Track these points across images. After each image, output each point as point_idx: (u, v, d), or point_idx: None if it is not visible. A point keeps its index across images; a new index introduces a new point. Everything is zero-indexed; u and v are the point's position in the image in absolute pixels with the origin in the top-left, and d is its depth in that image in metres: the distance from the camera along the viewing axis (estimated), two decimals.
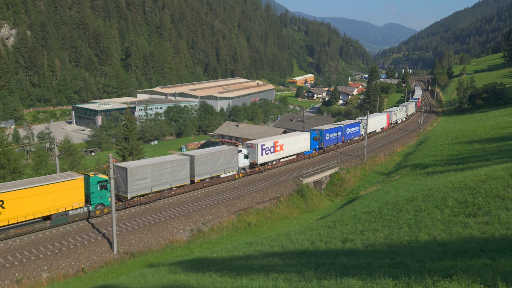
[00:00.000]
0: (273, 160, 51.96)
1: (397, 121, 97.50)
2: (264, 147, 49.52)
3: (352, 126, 71.33)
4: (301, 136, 57.09)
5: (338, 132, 65.77)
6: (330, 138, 63.43)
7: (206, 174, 41.87)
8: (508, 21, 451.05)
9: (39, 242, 27.88)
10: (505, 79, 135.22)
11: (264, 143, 49.63)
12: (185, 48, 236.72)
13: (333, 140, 64.73)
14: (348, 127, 69.95)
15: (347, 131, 69.07)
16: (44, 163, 58.72)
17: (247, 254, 21.04)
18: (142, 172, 34.90)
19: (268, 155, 50.50)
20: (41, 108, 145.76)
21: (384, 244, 16.38)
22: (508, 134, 53.22)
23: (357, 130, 72.88)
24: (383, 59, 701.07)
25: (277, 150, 51.81)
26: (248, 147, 49.02)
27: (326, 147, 62.98)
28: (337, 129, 65.75)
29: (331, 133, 63.67)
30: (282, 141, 52.55)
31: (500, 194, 18.26)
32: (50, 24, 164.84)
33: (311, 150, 59.00)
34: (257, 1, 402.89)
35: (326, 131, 62.32)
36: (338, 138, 66.24)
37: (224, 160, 43.51)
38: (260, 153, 49.15)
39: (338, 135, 66.00)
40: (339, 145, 67.30)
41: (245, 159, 47.33)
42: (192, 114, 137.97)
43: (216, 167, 42.75)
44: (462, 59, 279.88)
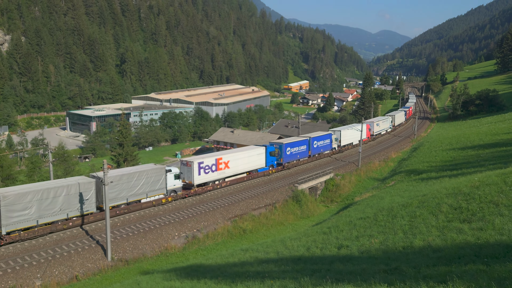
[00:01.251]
0: (215, 180, 44.81)
1: (381, 132, 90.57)
2: (202, 165, 42.63)
3: (321, 138, 64.14)
4: (253, 151, 50.19)
5: (302, 145, 58.57)
6: (292, 152, 56.14)
7: (121, 199, 34.45)
8: (501, 28, 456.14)
9: (32, 249, 27.62)
10: (498, 86, 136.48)
11: (203, 160, 42.98)
12: (180, 54, 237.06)
13: (296, 155, 57.27)
14: (316, 139, 62.54)
15: (314, 144, 61.71)
16: (38, 170, 58.42)
17: (242, 261, 20.96)
18: (23, 200, 28.16)
19: (208, 174, 43.38)
20: (35, 114, 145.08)
21: (379, 250, 16.39)
22: (501, 140, 53.62)
23: (327, 143, 65.47)
24: (377, 65, 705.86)
25: (221, 168, 44.80)
26: (184, 165, 42.02)
27: (286, 162, 55.54)
28: (302, 143, 58.57)
29: (293, 147, 56.45)
30: (227, 158, 45.70)
31: (494, 200, 18.36)
32: (44, 30, 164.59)
33: (266, 167, 52.05)
34: (252, 8, 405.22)
35: (287, 145, 55.21)
36: (303, 153, 59.07)
37: (147, 181, 36.24)
38: (197, 172, 42.11)
39: (303, 149, 58.80)
40: (304, 160, 59.75)
41: (176, 180, 40.01)
42: (187, 120, 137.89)
43: (135, 191, 35.39)
44: (455, 66, 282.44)
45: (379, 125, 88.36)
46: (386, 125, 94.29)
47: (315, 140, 62.00)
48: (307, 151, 59.88)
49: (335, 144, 68.06)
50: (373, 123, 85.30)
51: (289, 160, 56.15)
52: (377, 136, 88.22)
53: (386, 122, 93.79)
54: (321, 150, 64.11)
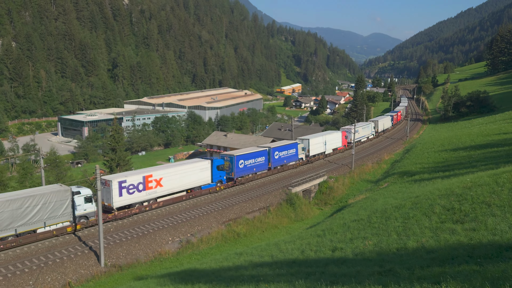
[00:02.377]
0: (143, 201, 37.42)
1: (361, 139, 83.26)
2: (125, 185, 35.18)
3: (285, 148, 56.76)
4: (195, 165, 42.51)
5: (259, 157, 51.41)
6: (246, 165, 49.01)
7: (7, 231, 27.66)
8: (490, 30, 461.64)
9: (24, 256, 27.31)
10: (488, 87, 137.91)
11: (126, 178, 35.34)
12: (172, 58, 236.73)
13: (251, 168, 50.00)
14: (278, 150, 55.21)
15: (275, 155, 54.38)
16: (29, 176, 57.88)
17: (236, 265, 20.89)
18: None
19: (133, 195, 35.98)
20: (26, 120, 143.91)
21: (374, 252, 16.42)
22: (492, 141, 54.09)
23: (292, 153, 58.12)
24: (369, 68, 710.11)
25: (151, 187, 37.57)
26: (102, 184, 33.08)
27: (239, 177, 48.27)
28: (259, 154, 51.29)
29: (248, 159, 49.26)
30: (159, 174, 38.30)
31: (486, 201, 18.49)
32: (35, 35, 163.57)
33: (213, 183, 44.30)
34: (244, 11, 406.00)
35: (239, 157, 48.01)
36: (261, 165, 51.94)
37: (45, 207, 29.35)
38: (118, 192, 34.58)
39: (260, 161, 51.67)
40: (262, 173, 52.48)
41: (88, 203, 32.61)
42: (180, 124, 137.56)
43: (28, 219, 28.51)
44: (446, 68, 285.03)
45: (359, 132, 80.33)
46: (367, 131, 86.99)
47: (277, 150, 54.77)
48: (266, 163, 52.74)
49: (302, 154, 61.24)
50: (351, 129, 76.88)
51: (243, 174, 48.74)
52: (357, 144, 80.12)
53: (367, 128, 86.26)
54: (285, 161, 56.71)
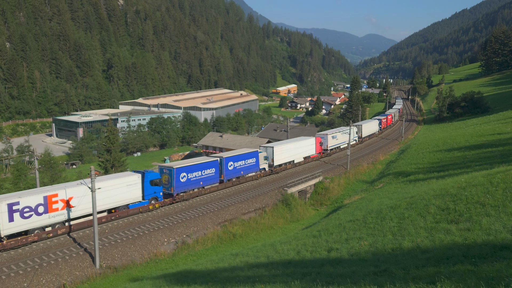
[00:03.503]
0: (46, 226, 30.54)
1: (339, 146, 76.23)
2: (17, 207, 28.48)
3: (242, 158, 49.62)
4: (120, 181, 35.21)
5: (208, 169, 44.06)
6: (190, 179, 41.69)
7: None
8: (484, 31, 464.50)
9: (19, 258, 27.13)
10: (483, 88, 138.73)
11: (20, 200, 28.60)
12: (168, 59, 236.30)
13: (196, 181, 42.69)
14: (233, 160, 48.12)
15: (229, 166, 47.46)
16: (24, 177, 57.57)
17: (232, 266, 20.87)
18: None
19: (29, 219, 29.16)
20: (20, 121, 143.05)
21: (369, 252, 16.46)
22: (486, 141, 54.40)
23: (252, 163, 51.09)
24: (364, 69, 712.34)
25: (56, 208, 30.60)
26: None
27: (181, 192, 41.29)
28: (207, 165, 44.01)
29: (193, 172, 41.98)
30: (70, 193, 31.42)
31: (480, 201, 18.58)
32: (29, 36, 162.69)
33: (145, 201, 37.40)
34: (240, 12, 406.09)
35: (181, 169, 40.73)
36: (210, 178, 44.44)
37: None
38: (8, 217, 28.03)
39: (209, 174, 44.19)
40: (212, 187, 44.95)
41: None
42: (175, 125, 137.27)
43: None
44: (441, 68, 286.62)
45: (337, 138, 74.39)
46: (347, 137, 76.75)
47: (231, 160, 47.89)
48: (216, 176, 45.40)
49: (264, 164, 54.12)
50: (327, 135, 71.70)
51: (185, 188, 41.62)
52: (335, 151, 74.07)
53: (346, 135, 77.17)
54: (241, 172, 49.55)
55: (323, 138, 70.76)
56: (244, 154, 50.23)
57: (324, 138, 70.82)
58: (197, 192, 43.07)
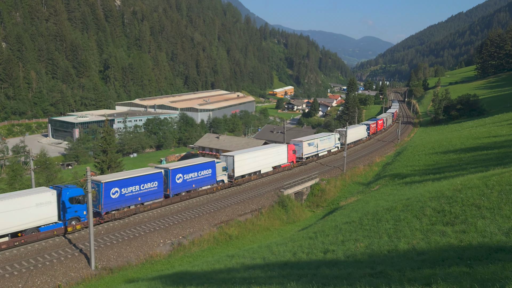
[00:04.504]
0: None
1: (317, 154, 69.51)
2: None
3: (194, 169, 43.69)
4: (28, 199, 29.49)
5: (149, 182, 38.05)
6: (124, 194, 35.91)
7: None
8: (480, 35, 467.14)
9: (14, 259, 26.98)
10: (478, 90, 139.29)
11: None
12: (164, 60, 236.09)
13: (133, 197, 36.81)
14: (183, 171, 42.25)
15: (177, 179, 41.55)
16: (19, 178, 57.28)
17: (228, 267, 20.84)
18: None
19: None
20: (16, 121, 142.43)
21: (365, 254, 16.48)
22: (482, 144, 54.63)
23: (207, 174, 45.09)
24: (361, 71, 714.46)
25: None
26: None
27: (112, 210, 35.37)
28: (148, 178, 37.93)
29: (128, 186, 36.21)
30: None
31: (476, 203, 18.65)
32: (26, 36, 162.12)
33: (60, 223, 31.50)
34: (237, 14, 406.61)
35: (112, 184, 34.84)
36: (151, 193, 38.43)
37: None
38: None
39: (151, 188, 38.34)
40: (154, 203, 38.88)
41: None
42: (172, 126, 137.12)
43: None
44: (437, 71, 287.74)
45: (315, 145, 68.07)
46: (328, 144, 73.11)
47: (180, 172, 41.92)
48: (160, 190, 39.43)
49: (223, 175, 47.83)
50: (302, 142, 65.00)
51: (118, 206, 35.62)
52: (312, 159, 67.75)
53: (327, 141, 72.56)
54: (193, 185, 43.59)
55: (297, 145, 64.32)
56: (197, 165, 44.19)
57: (298, 145, 64.38)
58: (134, 209, 37.07)
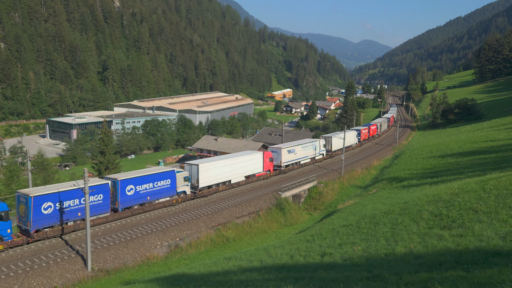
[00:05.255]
0: None
1: (299, 161, 64.74)
2: None
3: (149, 179, 38.46)
4: None
5: (91, 196, 32.75)
6: (58, 209, 30.77)
7: None
8: (478, 39, 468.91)
9: (10, 260, 26.87)
10: (476, 95, 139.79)
11: None
12: (163, 62, 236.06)
13: (72, 212, 31.84)
14: (134, 182, 36.78)
15: (127, 191, 36.30)
16: (16, 178, 57.05)
17: (225, 270, 20.80)
18: None
19: None
20: (13, 122, 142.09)
21: (362, 257, 16.47)
22: (479, 148, 54.77)
23: (166, 185, 39.94)
24: (359, 74, 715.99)
25: None
26: None
27: (45, 228, 30.48)
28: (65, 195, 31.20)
29: (64, 201, 31.10)
30: None
31: (473, 207, 18.68)
32: (24, 36, 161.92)
33: None
34: (236, 16, 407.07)
35: (43, 198, 29.97)
36: (93, 207, 32.90)
37: None
38: None
39: (95, 202, 33.24)
40: (98, 219, 33.87)
41: None
42: (170, 128, 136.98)
43: None
44: (435, 75, 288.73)
45: (295, 152, 62.93)
46: (312, 151, 68.10)
47: (131, 183, 36.62)
48: (106, 204, 34.50)
49: (185, 186, 42.85)
50: (281, 149, 59.41)
51: (52, 223, 30.79)
52: (292, 167, 62.77)
53: (310, 148, 67.54)
54: (148, 198, 38.54)
55: (275, 152, 59.62)
56: (153, 175, 39.05)
57: (276, 153, 59.50)
58: (72, 226, 32.08)
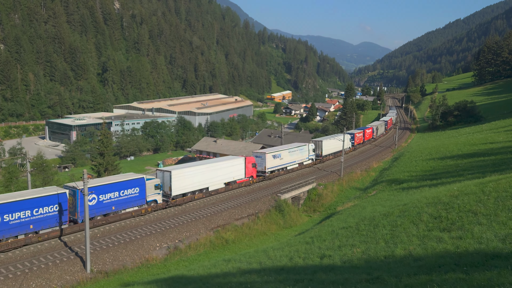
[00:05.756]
0: None
1: (285, 167, 60.85)
2: None
3: (115, 188, 35.20)
4: None
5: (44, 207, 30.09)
6: (7, 222, 28.18)
7: None
8: (477, 41, 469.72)
9: (9, 262, 26.82)
10: (475, 97, 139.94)
11: None
12: (163, 63, 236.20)
13: (22, 225, 29.10)
14: (96, 191, 33.05)
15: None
16: (15, 180, 57.04)
17: (224, 271, 20.77)
18: None
19: None
20: (13, 123, 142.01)
21: (362, 259, 16.46)
22: (479, 150, 54.80)
23: (134, 194, 36.58)
24: (358, 76, 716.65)
25: None
26: None
27: None
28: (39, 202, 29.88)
29: (12, 213, 28.43)
30: None
31: (472, 209, 18.68)
32: (24, 38, 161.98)
33: None
34: (236, 18, 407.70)
35: None
36: (44, 220, 30.19)
37: None
38: None
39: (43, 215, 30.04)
40: (54, 231, 30.97)
41: None
42: (169, 130, 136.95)
43: None
44: (434, 77, 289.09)
45: (281, 157, 59.39)
46: (300, 156, 64.21)
47: (94, 192, 32.70)
48: (55, 216, 30.96)
49: (156, 194, 39.00)
50: (265, 154, 56.15)
51: None
52: (277, 173, 59.00)
53: (298, 153, 63.91)
54: (113, 207, 35.08)
55: (259, 157, 56.22)
56: (118, 183, 35.56)
57: (261, 158, 56.14)
58: (23, 240, 29.09)
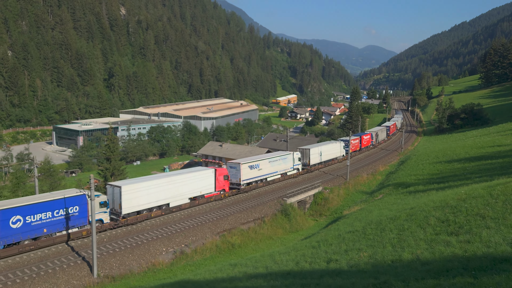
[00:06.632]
0: None
1: (265, 178, 54.65)
2: None
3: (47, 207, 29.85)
4: None
5: None
6: None
7: None
8: (484, 44, 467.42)
9: (16, 266, 26.96)
10: (482, 100, 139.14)
11: None
12: (168, 68, 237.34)
13: None
14: (22, 212, 28.48)
15: (11, 223, 27.97)
16: (23, 185, 57.38)
17: (231, 276, 20.73)
18: None
19: None
20: (20, 129, 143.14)
21: (369, 263, 16.36)
22: (486, 153, 54.40)
23: (73, 213, 31.30)
24: (364, 80, 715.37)
25: None
26: None
27: None
28: None
29: None
30: None
31: (480, 213, 18.53)
32: (32, 44, 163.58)
33: None
34: (241, 23, 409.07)
35: None
36: None
37: None
38: None
39: None
40: None
41: None
42: (175, 134, 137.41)
43: None
44: (440, 80, 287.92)
45: (260, 168, 53.14)
46: (283, 166, 58.22)
47: (18, 213, 28.39)
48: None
49: (102, 213, 33.60)
50: (240, 164, 49.94)
51: None
52: (255, 185, 52.64)
53: (281, 162, 57.85)
54: (45, 230, 29.91)
55: (233, 168, 50.16)
56: (52, 202, 30.15)
57: (235, 169, 49.97)
58: None
